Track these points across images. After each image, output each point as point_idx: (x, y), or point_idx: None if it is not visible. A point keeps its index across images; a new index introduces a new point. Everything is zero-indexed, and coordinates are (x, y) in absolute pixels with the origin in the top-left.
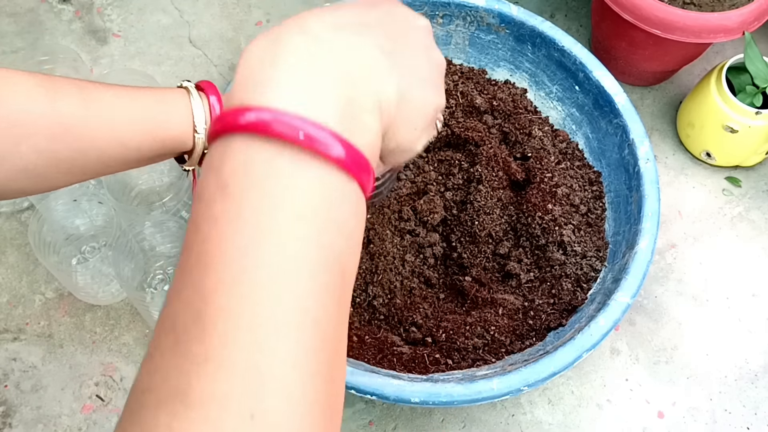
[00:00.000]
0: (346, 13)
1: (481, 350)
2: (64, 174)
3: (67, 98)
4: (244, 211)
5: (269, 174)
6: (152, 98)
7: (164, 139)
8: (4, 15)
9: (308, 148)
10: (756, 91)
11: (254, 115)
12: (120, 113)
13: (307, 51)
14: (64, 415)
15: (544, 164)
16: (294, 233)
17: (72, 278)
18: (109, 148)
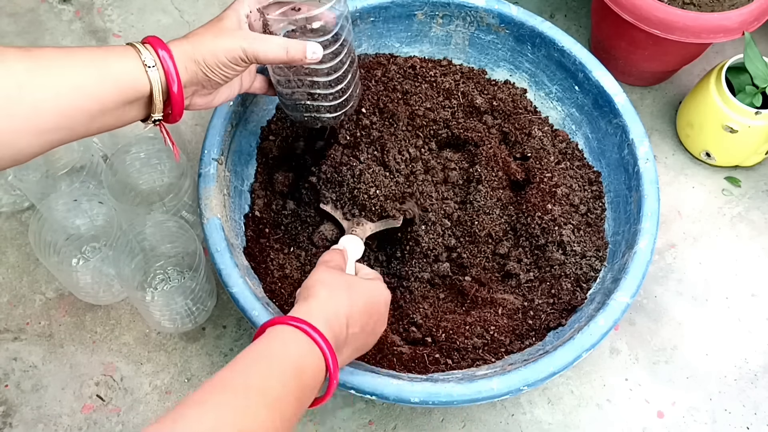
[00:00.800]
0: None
1: (480, 350)
2: (26, 135)
3: (14, 59)
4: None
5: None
6: (98, 49)
7: (117, 79)
8: (4, 15)
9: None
10: (756, 91)
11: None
12: (67, 63)
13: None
14: (64, 415)
15: (543, 164)
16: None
17: (72, 278)
18: (63, 97)
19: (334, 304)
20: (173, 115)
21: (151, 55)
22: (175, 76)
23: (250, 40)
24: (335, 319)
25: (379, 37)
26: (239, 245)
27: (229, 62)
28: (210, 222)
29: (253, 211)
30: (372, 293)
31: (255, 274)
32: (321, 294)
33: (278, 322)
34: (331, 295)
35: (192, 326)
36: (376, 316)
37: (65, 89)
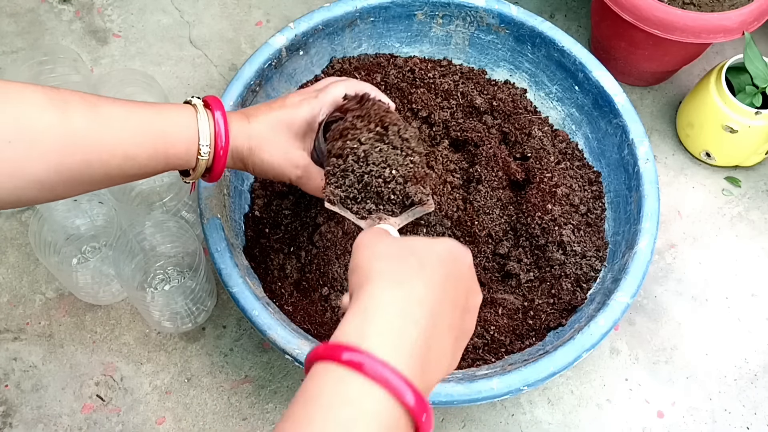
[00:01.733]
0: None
1: (480, 350)
2: (70, 185)
3: (77, 113)
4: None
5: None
6: (159, 115)
7: (168, 156)
8: (4, 15)
9: (389, 390)
10: (755, 91)
11: (349, 356)
12: (127, 129)
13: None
14: (64, 415)
15: (543, 164)
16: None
17: (72, 278)
18: (114, 162)
19: (404, 293)
20: (207, 180)
21: (208, 143)
22: (222, 163)
23: (300, 174)
24: (414, 324)
25: (379, 37)
26: (239, 245)
27: (274, 179)
28: (210, 222)
29: (253, 211)
30: (446, 254)
31: (255, 274)
32: (381, 282)
33: (324, 356)
34: (397, 283)
35: (192, 326)
36: (464, 282)
37: (119, 156)
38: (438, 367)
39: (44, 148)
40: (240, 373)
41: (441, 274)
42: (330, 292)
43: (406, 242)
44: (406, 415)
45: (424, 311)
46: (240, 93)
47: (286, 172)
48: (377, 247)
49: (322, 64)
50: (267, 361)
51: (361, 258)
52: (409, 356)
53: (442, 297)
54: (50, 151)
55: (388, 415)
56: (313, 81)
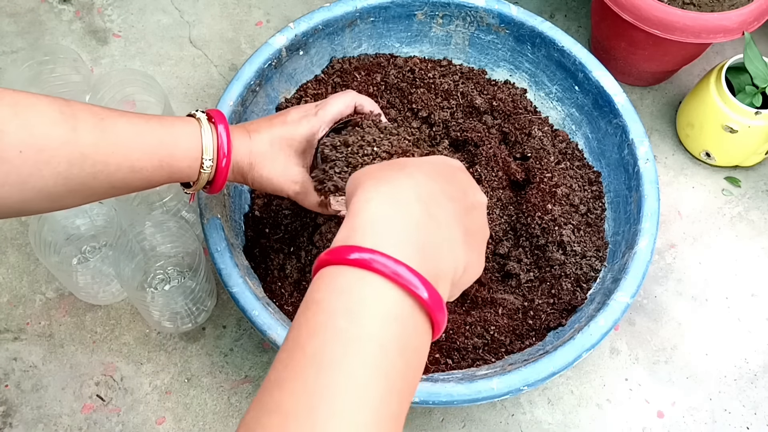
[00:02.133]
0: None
1: (481, 350)
2: (75, 195)
3: (86, 128)
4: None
5: (364, 299)
6: (163, 129)
7: (172, 169)
8: (4, 15)
9: (401, 285)
10: (755, 91)
11: (357, 255)
12: (133, 143)
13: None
14: (64, 415)
15: (543, 164)
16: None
17: (72, 278)
18: (120, 173)
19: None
20: (207, 192)
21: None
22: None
23: (297, 190)
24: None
25: (379, 37)
26: (239, 245)
27: (272, 193)
28: (210, 222)
29: (253, 211)
30: (432, 159)
31: (255, 274)
32: (368, 185)
33: (332, 259)
34: (382, 180)
35: (192, 326)
36: (458, 179)
37: (124, 169)
38: (450, 260)
39: (54, 161)
40: (240, 373)
41: (428, 169)
42: None
43: (391, 161)
44: (421, 308)
45: (413, 200)
46: (240, 93)
47: (285, 187)
48: (365, 169)
49: (322, 64)
50: (267, 361)
51: (352, 182)
52: (411, 248)
53: (432, 188)
54: (60, 163)
55: (402, 309)
56: (313, 81)
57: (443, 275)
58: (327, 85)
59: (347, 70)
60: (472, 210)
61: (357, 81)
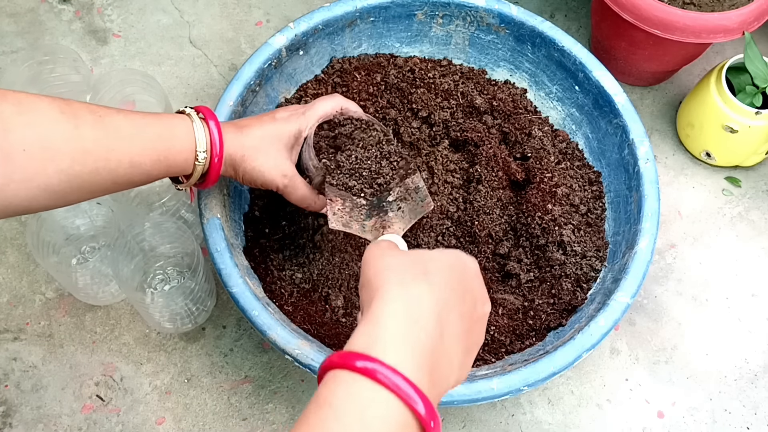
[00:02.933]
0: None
1: (481, 350)
2: (78, 192)
3: (86, 125)
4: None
5: (365, 405)
6: (160, 124)
7: (169, 163)
8: (4, 15)
9: (401, 398)
10: (756, 91)
11: (363, 363)
12: (133, 139)
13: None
14: (64, 415)
15: (544, 164)
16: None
17: (72, 278)
18: (121, 169)
19: (411, 298)
20: (200, 187)
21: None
22: (216, 171)
23: (286, 183)
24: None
25: (379, 37)
26: (239, 245)
27: (262, 186)
28: (210, 222)
29: (253, 211)
30: (452, 262)
31: (255, 274)
32: (390, 291)
33: (338, 364)
34: (403, 290)
35: (192, 326)
36: (472, 290)
37: (125, 164)
38: (446, 376)
39: (58, 158)
40: (240, 374)
41: (447, 281)
42: (330, 292)
43: (413, 253)
44: (416, 422)
45: (431, 319)
46: (240, 93)
47: (275, 180)
48: (384, 260)
49: (322, 64)
50: (267, 361)
51: (370, 272)
52: (418, 364)
53: (450, 304)
54: (64, 160)
55: (398, 421)
56: (313, 81)
57: (439, 389)
58: (327, 85)
59: (347, 70)
60: (476, 324)
61: (357, 81)
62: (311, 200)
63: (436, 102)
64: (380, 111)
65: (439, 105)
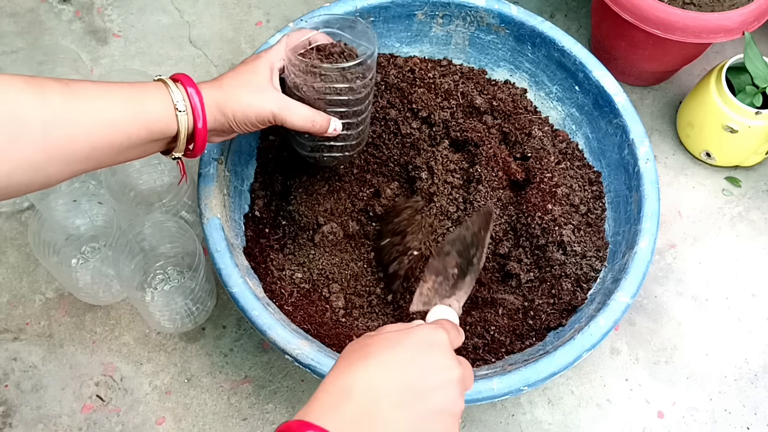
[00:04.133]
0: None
1: (481, 350)
2: (58, 163)
3: (53, 90)
4: None
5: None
6: (132, 86)
7: (148, 120)
8: (4, 15)
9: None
10: (756, 91)
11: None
12: (103, 98)
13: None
14: (64, 415)
15: (544, 164)
16: None
17: (72, 278)
18: (97, 131)
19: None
20: (194, 152)
21: (182, 97)
22: (202, 120)
23: (280, 106)
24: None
25: (379, 37)
26: (239, 245)
27: (257, 122)
28: (210, 222)
29: (253, 211)
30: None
31: (255, 274)
32: (332, 371)
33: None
34: (341, 367)
35: (192, 326)
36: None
37: (100, 125)
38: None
39: (28, 128)
40: (240, 373)
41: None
42: (330, 293)
43: (371, 337)
44: None
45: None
46: None
47: (267, 106)
48: (355, 342)
49: None
50: (267, 361)
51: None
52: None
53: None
54: (34, 130)
55: None
56: None
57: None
58: None
59: None
60: (432, 393)
61: None
62: (312, 117)
63: (436, 102)
64: (380, 111)
65: (439, 105)
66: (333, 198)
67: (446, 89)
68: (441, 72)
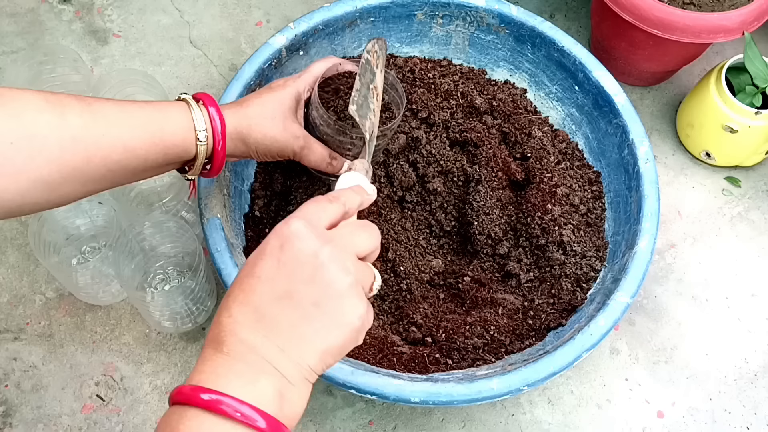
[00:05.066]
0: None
1: (481, 350)
2: (73, 184)
3: (73, 113)
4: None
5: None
6: (153, 108)
7: (166, 146)
8: (4, 15)
9: (243, 423)
10: (756, 91)
11: (208, 396)
12: (123, 121)
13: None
14: (64, 415)
15: (543, 164)
16: None
17: (72, 278)
18: (114, 156)
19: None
20: (210, 172)
21: (203, 122)
22: (221, 144)
23: (302, 145)
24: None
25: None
26: (239, 245)
27: (278, 156)
28: (210, 222)
29: (253, 211)
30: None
31: None
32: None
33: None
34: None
35: (192, 326)
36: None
37: (118, 148)
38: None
39: (46, 148)
40: None
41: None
42: None
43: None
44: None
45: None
46: (240, 93)
47: (289, 143)
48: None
49: None
50: None
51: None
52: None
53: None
54: (52, 150)
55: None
56: None
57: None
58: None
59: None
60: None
61: None
62: (328, 160)
63: (436, 102)
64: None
65: (439, 105)
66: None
67: (446, 89)
68: (441, 72)
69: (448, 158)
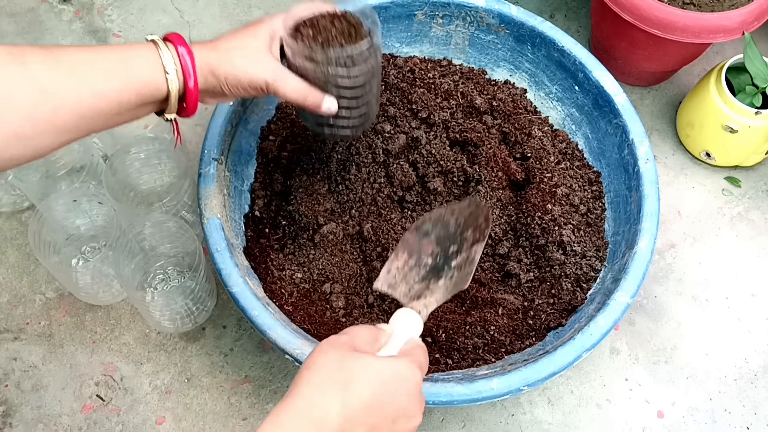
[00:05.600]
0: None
1: (481, 350)
2: (46, 135)
3: (35, 58)
4: None
5: None
6: (120, 50)
7: (136, 85)
8: (4, 15)
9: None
10: (756, 91)
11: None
12: (89, 65)
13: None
14: (64, 415)
15: (543, 164)
16: None
17: (72, 278)
18: (83, 101)
19: (318, 404)
20: (186, 111)
21: (172, 59)
22: (193, 80)
23: (274, 76)
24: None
25: None
26: (239, 245)
27: (249, 88)
28: (210, 222)
29: (253, 211)
30: (385, 379)
31: (255, 274)
32: (303, 390)
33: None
34: (316, 390)
35: (192, 326)
36: (393, 410)
37: (86, 94)
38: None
39: (13, 99)
40: (240, 373)
41: (369, 394)
42: (330, 293)
43: (349, 360)
44: None
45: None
46: None
47: (260, 73)
48: (319, 358)
49: None
50: (267, 361)
51: (306, 363)
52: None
53: (362, 412)
54: (20, 102)
55: None
56: None
57: None
58: None
59: None
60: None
61: None
62: (305, 92)
63: (436, 102)
64: (380, 111)
65: (439, 105)
66: (333, 198)
67: (446, 89)
68: (441, 72)
69: (448, 158)
